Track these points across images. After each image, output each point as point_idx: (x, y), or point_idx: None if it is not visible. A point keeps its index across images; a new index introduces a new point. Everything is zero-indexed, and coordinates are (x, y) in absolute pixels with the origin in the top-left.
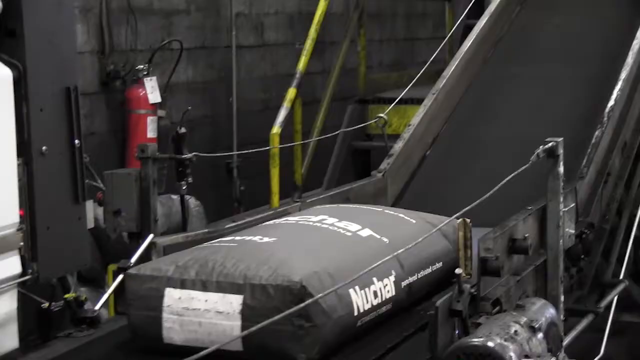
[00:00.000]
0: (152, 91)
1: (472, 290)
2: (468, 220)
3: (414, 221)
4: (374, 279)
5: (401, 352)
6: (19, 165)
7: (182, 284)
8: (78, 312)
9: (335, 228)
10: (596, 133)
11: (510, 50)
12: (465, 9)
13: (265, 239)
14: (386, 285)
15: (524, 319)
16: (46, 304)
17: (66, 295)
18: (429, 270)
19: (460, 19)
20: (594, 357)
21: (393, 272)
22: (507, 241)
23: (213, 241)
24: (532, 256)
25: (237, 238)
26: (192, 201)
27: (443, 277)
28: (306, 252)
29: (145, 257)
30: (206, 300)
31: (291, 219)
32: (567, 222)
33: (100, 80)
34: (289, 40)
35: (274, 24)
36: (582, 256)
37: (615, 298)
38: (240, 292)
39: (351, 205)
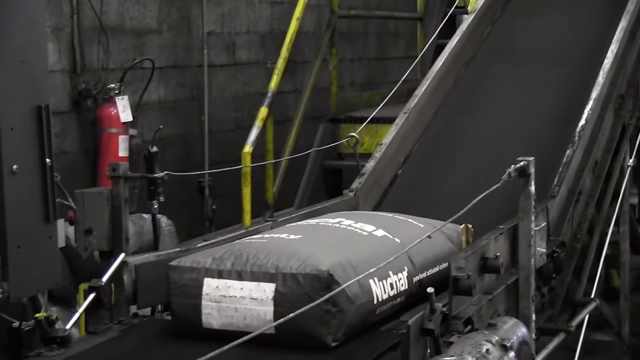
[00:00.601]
0: (123, 110)
1: (444, 309)
2: (470, 226)
3: (421, 225)
4: (390, 273)
5: None
6: None
7: (220, 274)
8: (49, 331)
9: (353, 228)
10: (567, 152)
11: (482, 70)
12: (437, 29)
13: (292, 236)
14: (400, 279)
15: (495, 338)
16: (17, 323)
17: (37, 315)
18: (436, 269)
19: (432, 38)
20: None
21: (406, 268)
22: (479, 260)
23: (243, 239)
24: (504, 275)
25: (266, 236)
26: (163, 220)
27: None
28: (329, 247)
29: (116, 276)
30: (242, 289)
31: (311, 221)
32: (539, 241)
33: (71, 99)
34: (261, 59)
35: (245, 43)
36: (554, 275)
37: (587, 317)
38: (273, 281)
39: (363, 212)
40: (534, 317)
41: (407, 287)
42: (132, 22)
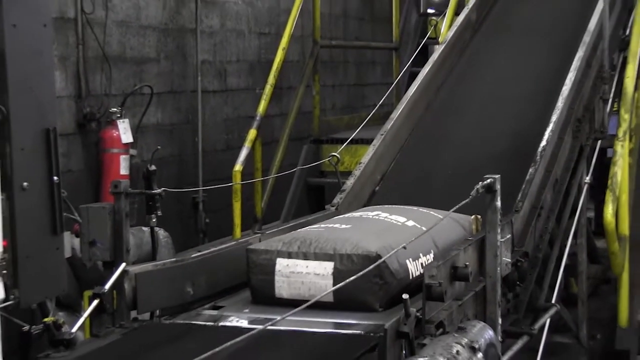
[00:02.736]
0: (124, 132)
1: (418, 314)
2: (479, 217)
3: (441, 216)
4: (420, 254)
5: None
6: (2, 199)
7: (289, 255)
8: (56, 334)
9: (389, 219)
10: (530, 170)
11: (451, 95)
12: (411, 58)
13: (344, 226)
14: (428, 259)
15: (465, 340)
16: (27, 327)
17: (45, 319)
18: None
19: (406, 66)
20: None
21: (432, 251)
22: (450, 269)
23: (305, 228)
24: (473, 283)
25: (323, 226)
26: (161, 232)
27: None
28: (374, 234)
29: (118, 284)
30: (307, 266)
31: (355, 214)
32: (504, 252)
33: (77, 122)
34: (250, 85)
35: (236, 71)
36: (518, 283)
37: (548, 321)
38: (332, 260)
39: (394, 206)
40: (500, 321)
41: None
42: (132, 52)
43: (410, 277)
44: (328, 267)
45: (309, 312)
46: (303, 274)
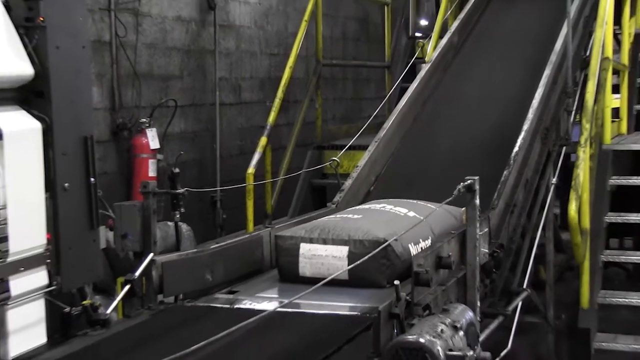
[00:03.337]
0: (152, 139)
1: (408, 297)
2: None
3: (435, 207)
4: (420, 240)
5: (350, 348)
6: (46, 198)
7: (311, 240)
8: (93, 315)
9: (393, 211)
10: (504, 173)
11: (436, 108)
12: (401, 75)
13: (355, 216)
14: (427, 244)
15: (448, 320)
16: (68, 309)
17: (84, 302)
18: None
19: (397, 82)
20: (503, 350)
21: (430, 237)
22: (435, 258)
23: (323, 217)
24: (455, 270)
25: (338, 216)
26: (184, 227)
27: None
28: (382, 223)
29: (146, 272)
30: (326, 250)
31: (365, 206)
32: (482, 244)
33: (111, 130)
34: (261, 99)
35: (249, 86)
36: (494, 270)
37: (520, 303)
38: (347, 245)
39: (397, 199)
40: (478, 303)
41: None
42: (159, 70)
43: None
44: (344, 250)
45: (326, 289)
46: (323, 257)
